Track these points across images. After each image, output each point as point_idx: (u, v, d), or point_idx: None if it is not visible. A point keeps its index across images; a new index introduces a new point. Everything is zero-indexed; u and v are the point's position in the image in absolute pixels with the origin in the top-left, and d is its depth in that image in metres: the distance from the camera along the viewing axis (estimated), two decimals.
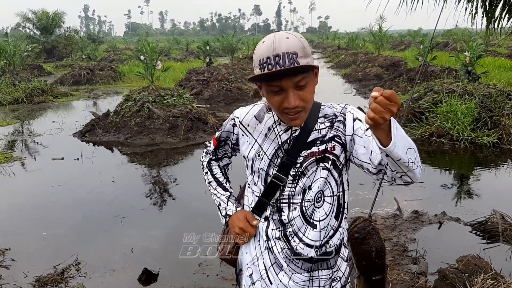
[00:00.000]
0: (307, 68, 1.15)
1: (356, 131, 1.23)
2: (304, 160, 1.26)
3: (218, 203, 1.46)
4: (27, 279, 3.11)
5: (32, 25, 28.48)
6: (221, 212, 1.44)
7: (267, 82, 1.17)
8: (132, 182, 5.36)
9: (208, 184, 1.52)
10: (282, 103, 1.18)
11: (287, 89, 1.15)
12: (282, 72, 1.12)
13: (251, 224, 1.33)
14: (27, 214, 4.38)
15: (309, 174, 1.26)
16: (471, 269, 2.64)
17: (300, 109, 1.18)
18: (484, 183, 5.11)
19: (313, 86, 1.21)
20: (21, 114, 10.23)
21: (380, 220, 3.96)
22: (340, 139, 1.27)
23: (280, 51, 1.12)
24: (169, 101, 8.05)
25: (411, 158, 1.05)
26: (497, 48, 21.00)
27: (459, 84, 7.69)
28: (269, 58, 1.13)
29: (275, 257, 1.32)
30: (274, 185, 1.28)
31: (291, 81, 1.14)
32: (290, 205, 1.28)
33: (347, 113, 1.28)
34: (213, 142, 1.49)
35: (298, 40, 1.16)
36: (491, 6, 3.77)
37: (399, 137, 1.01)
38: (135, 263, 3.28)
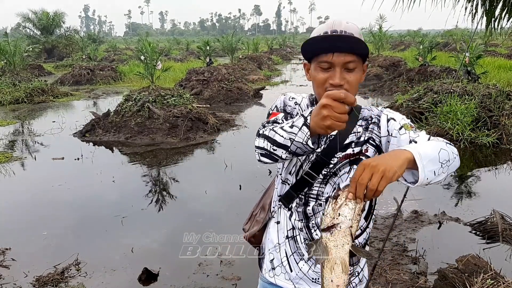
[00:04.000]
0: (360, 46, 1.16)
1: (391, 131, 1.24)
2: (338, 161, 1.26)
3: (289, 124, 1.09)
4: (27, 278, 3.11)
5: (32, 25, 28.49)
6: (296, 123, 1.07)
7: (318, 56, 1.19)
8: (132, 182, 5.36)
9: (270, 133, 1.15)
10: (327, 80, 1.19)
11: (336, 66, 1.17)
12: (336, 39, 1.15)
13: None
14: (27, 214, 4.38)
15: (341, 174, 1.27)
16: (470, 269, 2.64)
17: (343, 90, 1.17)
18: (483, 183, 5.11)
19: (360, 76, 1.22)
20: (21, 114, 10.24)
21: (380, 220, 3.97)
22: (374, 141, 1.27)
23: (338, 28, 1.17)
24: (169, 101, 8.05)
25: (444, 160, 1.06)
26: (496, 48, 21.00)
27: (459, 84, 7.70)
28: (326, 32, 1.17)
29: (297, 246, 1.32)
30: (304, 181, 1.28)
31: (342, 58, 1.16)
32: (317, 201, 1.29)
33: (382, 115, 1.28)
34: (274, 114, 1.30)
35: (356, 27, 1.21)
36: (491, 6, 3.77)
37: (426, 164, 1.01)
38: (135, 263, 3.28)
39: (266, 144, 1.15)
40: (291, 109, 1.33)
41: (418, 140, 1.16)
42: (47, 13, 28.48)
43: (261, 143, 1.18)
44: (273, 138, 1.13)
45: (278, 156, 1.14)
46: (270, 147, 1.14)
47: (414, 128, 1.22)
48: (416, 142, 1.16)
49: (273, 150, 1.14)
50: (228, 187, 5.01)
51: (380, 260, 3.25)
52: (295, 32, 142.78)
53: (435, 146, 1.08)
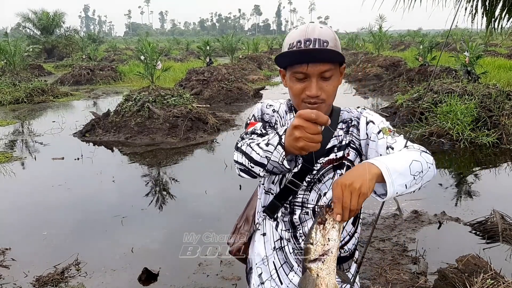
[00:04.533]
0: (334, 55, 1.13)
1: (370, 134, 1.22)
2: (322, 167, 1.23)
3: (265, 142, 1.06)
4: (27, 278, 3.11)
5: (32, 25, 28.51)
6: (271, 141, 1.03)
7: (293, 66, 1.16)
8: (132, 182, 5.36)
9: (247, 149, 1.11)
10: (303, 91, 1.16)
11: (311, 76, 1.14)
12: (310, 53, 1.12)
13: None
14: (27, 214, 4.38)
15: (325, 180, 1.24)
16: (470, 269, 2.64)
17: (320, 101, 1.16)
18: (483, 183, 5.11)
19: (337, 82, 1.20)
20: (21, 114, 10.23)
21: (380, 220, 3.97)
22: (354, 144, 1.25)
23: (312, 36, 1.13)
24: (169, 101, 8.05)
25: (416, 172, 1.04)
26: (496, 48, 21.00)
27: (459, 84, 7.70)
28: (299, 41, 1.13)
29: (286, 256, 1.29)
30: (288, 190, 1.25)
31: (317, 68, 1.13)
32: (303, 209, 1.26)
33: (361, 117, 1.26)
34: (251, 124, 1.25)
35: (331, 31, 1.17)
36: (491, 6, 3.77)
37: (395, 178, 0.99)
38: (135, 263, 3.28)
39: (244, 160, 1.11)
40: (269, 117, 1.28)
41: (395, 147, 1.14)
42: (47, 13, 28.50)
43: (239, 158, 1.14)
44: (249, 154, 1.09)
45: (256, 173, 1.10)
46: (248, 163, 1.10)
47: (392, 132, 1.20)
48: (393, 148, 1.14)
49: (250, 167, 1.10)
50: (228, 187, 5.01)
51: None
52: None
53: (407, 157, 1.05)
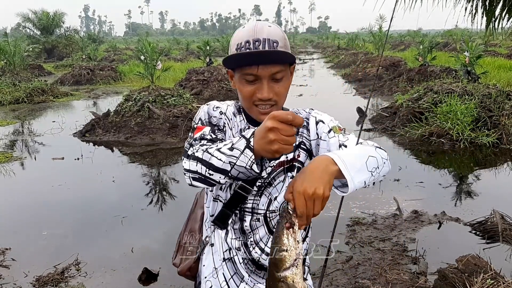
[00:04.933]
0: (286, 57, 1.10)
1: (320, 134, 1.19)
2: (272, 170, 1.19)
3: (228, 146, 0.99)
4: (27, 278, 3.11)
5: (32, 25, 28.53)
6: (236, 145, 0.97)
7: (242, 68, 1.10)
8: (132, 182, 5.36)
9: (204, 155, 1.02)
10: (254, 94, 1.11)
11: (262, 78, 1.09)
12: (261, 56, 1.07)
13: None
14: (27, 214, 4.38)
15: (276, 183, 1.19)
16: (470, 269, 2.64)
17: (273, 102, 1.13)
18: (483, 183, 5.11)
19: (288, 83, 1.16)
20: (21, 114, 10.24)
21: (380, 220, 3.97)
22: (305, 145, 1.22)
23: (261, 36, 1.08)
24: (169, 101, 8.06)
25: (373, 168, 1.03)
26: (496, 48, 21.00)
27: (459, 84, 7.70)
28: (248, 42, 1.08)
29: (235, 267, 1.23)
30: (238, 196, 1.18)
31: (268, 70, 1.08)
32: (253, 215, 1.20)
33: (310, 117, 1.23)
34: (199, 129, 1.18)
35: (280, 30, 1.12)
36: (491, 6, 3.77)
37: (354, 172, 0.98)
38: (135, 263, 3.28)
39: (200, 168, 1.02)
40: (217, 120, 1.20)
41: (348, 144, 1.13)
42: (47, 13, 28.52)
43: (192, 166, 1.04)
44: (208, 161, 1.00)
45: (215, 181, 1.02)
46: (206, 171, 1.01)
47: (343, 131, 1.18)
48: (346, 146, 1.12)
49: (209, 175, 1.01)
50: None
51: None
52: (295, 32, 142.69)
53: (364, 153, 1.04)
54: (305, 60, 27.95)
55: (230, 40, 1.16)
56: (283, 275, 0.90)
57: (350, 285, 2.94)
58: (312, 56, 33.28)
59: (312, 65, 24.43)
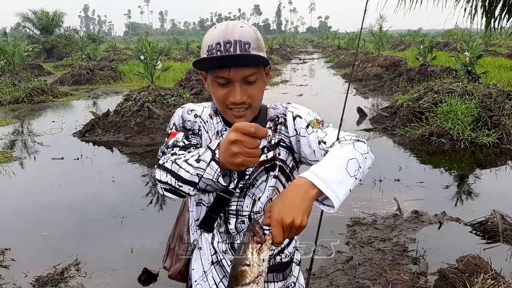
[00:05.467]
0: (258, 60, 1.06)
1: (299, 130, 1.16)
2: (254, 171, 1.16)
3: (195, 158, 0.96)
4: (27, 279, 3.11)
5: (32, 25, 28.55)
6: (202, 157, 0.94)
7: (213, 71, 1.07)
8: (132, 182, 5.36)
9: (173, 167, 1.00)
10: (227, 97, 1.08)
11: (234, 82, 1.06)
12: (231, 59, 1.03)
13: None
14: (27, 214, 4.38)
15: (258, 184, 1.17)
16: (471, 269, 2.64)
17: (246, 106, 1.09)
18: (484, 183, 5.11)
19: (262, 85, 1.12)
20: (21, 114, 10.23)
21: (380, 220, 3.96)
22: (284, 142, 1.19)
23: (232, 38, 1.03)
24: (169, 101, 8.05)
25: (355, 170, 1.01)
26: (497, 48, 21.00)
27: (459, 84, 7.70)
28: (219, 44, 1.03)
29: (224, 270, 1.21)
30: (222, 199, 1.16)
31: (240, 73, 1.04)
32: (238, 217, 1.18)
33: (287, 112, 1.20)
34: (173, 135, 1.15)
35: (252, 30, 1.08)
36: (491, 6, 3.77)
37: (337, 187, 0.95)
38: (135, 263, 3.28)
39: (170, 179, 0.99)
40: (191, 124, 1.17)
41: (327, 141, 1.10)
42: (47, 13, 28.52)
43: (163, 177, 1.01)
44: (177, 173, 0.97)
45: (185, 192, 0.99)
46: (175, 182, 0.98)
47: (321, 124, 1.15)
48: (325, 142, 1.10)
49: (178, 187, 0.98)
50: None
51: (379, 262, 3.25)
52: (295, 32, 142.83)
53: (342, 159, 1.00)
54: (305, 60, 27.95)
55: (203, 39, 1.11)
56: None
57: (350, 285, 2.93)
58: (312, 56, 33.28)
59: (312, 65, 24.42)
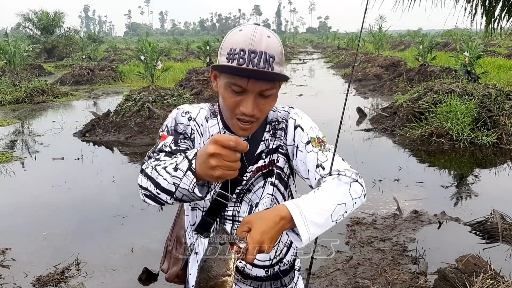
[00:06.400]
0: (279, 77, 1.02)
1: (298, 143, 1.12)
2: (251, 176, 1.14)
3: (173, 166, 0.93)
4: (27, 278, 3.12)
5: (33, 25, 28.53)
6: (179, 166, 0.91)
7: (231, 76, 1.02)
8: (132, 182, 5.34)
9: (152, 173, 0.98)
10: (238, 106, 1.03)
11: (249, 92, 1.01)
12: (253, 73, 0.99)
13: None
14: (27, 214, 4.38)
15: (255, 189, 1.15)
16: (470, 269, 2.64)
17: (254, 119, 1.05)
18: (483, 183, 5.11)
19: (274, 101, 1.09)
20: (21, 114, 10.24)
21: (379, 220, 3.97)
22: (282, 149, 1.15)
23: (258, 48, 0.99)
24: (169, 101, 8.06)
25: (339, 216, 0.98)
26: (496, 48, 21.00)
27: (459, 84, 7.70)
28: (243, 51, 0.98)
29: None
30: (218, 203, 1.13)
31: (258, 86, 1.00)
32: (234, 223, 1.16)
33: (289, 119, 1.16)
34: (163, 138, 1.13)
35: (279, 43, 1.04)
36: (491, 6, 3.78)
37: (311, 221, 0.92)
38: (135, 263, 3.28)
39: (149, 185, 0.97)
40: (184, 127, 1.14)
41: (326, 167, 1.05)
42: (47, 13, 28.51)
43: (143, 183, 0.99)
44: (156, 180, 0.95)
45: (163, 200, 0.96)
46: (154, 189, 0.96)
47: (322, 145, 1.10)
48: (324, 168, 1.05)
49: (157, 194, 0.96)
50: None
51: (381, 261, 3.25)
52: (295, 32, 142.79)
53: (331, 203, 0.96)
54: (305, 60, 27.94)
55: (224, 38, 1.06)
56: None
57: (350, 285, 2.94)
58: (312, 56, 33.28)
59: (312, 65, 24.42)
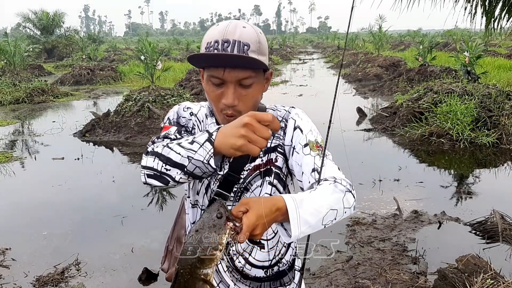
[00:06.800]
0: (254, 63, 1.00)
1: (295, 144, 1.11)
2: (248, 175, 1.12)
3: (189, 141, 0.95)
4: (27, 278, 3.12)
5: (33, 25, 28.53)
6: (197, 139, 0.93)
7: (209, 69, 1.03)
8: (132, 182, 5.36)
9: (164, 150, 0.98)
10: (220, 98, 1.04)
11: (228, 83, 1.01)
12: (225, 59, 0.99)
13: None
14: (27, 214, 4.38)
15: (253, 189, 1.13)
16: (470, 269, 2.64)
17: (237, 112, 1.03)
18: (483, 183, 5.11)
19: (259, 90, 1.07)
20: (21, 114, 10.24)
21: (379, 220, 3.97)
22: (281, 148, 1.14)
23: (231, 37, 0.99)
24: (169, 101, 8.06)
25: (329, 221, 0.97)
26: (496, 48, 21.00)
27: (459, 84, 7.70)
28: (217, 42, 1.00)
29: (220, 276, 1.20)
30: None
31: (235, 74, 1.00)
32: None
33: (289, 119, 1.14)
34: (165, 128, 1.15)
35: (255, 33, 1.03)
36: (491, 6, 3.78)
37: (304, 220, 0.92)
38: (135, 263, 3.28)
39: (156, 163, 0.97)
40: (186, 120, 1.16)
41: (321, 173, 1.04)
42: (47, 13, 28.51)
43: (149, 162, 0.99)
44: (167, 156, 0.95)
45: (170, 177, 0.95)
46: (162, 166, 0.96)
47: (320, 149, 1.08)
48: (319, 174, 1.04)
49: (165, 170, 0.96)
50: None
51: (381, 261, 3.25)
52: (295, 32, 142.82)
53: (325, 206, 0.96)
54: (305, 60, 27.94)
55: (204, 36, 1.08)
56: (206, 272, 0.86)
57: (350, 285, 2.94)
58: (312, 56, 33.28)
59: (312, 65, 24.42)
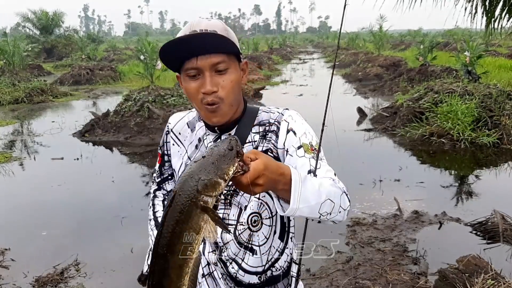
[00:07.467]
0: (223, 41, 0.99)
1: (288, 147, 1.08)
2: None
3: (150, 248, 1.16)
4: (26, 279, 3.11)
5: (32, 25, 28.51)
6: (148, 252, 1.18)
7: (183, 66, 1.03)
8: (132, 182, 5.35)
9: (148, 222, 1.31)
10: (199, 90, 1.02)
11: (204, 71, 1.01)
12: (192, 39, 0.98)
13: None
14: (27, 214, 4.38)
15: (243, 192, 1.08)
16: (471, 269, 2.63)
17: (218, 100, 1.03)
18: (484, 183, 5.10)
19: (235, 76, 1.05)
20: (20, 114, 10.23)
21: (380, 220, 3.96)
22: (272, 152, 1.11)
23: (198, 28, 1.01)
24: (169, 101, 8.05)
25: (324, 212, 0.93)
26: (497, 48, 20.99)
27: (459, 84, 7.69)
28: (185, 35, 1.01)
29: (216, 282, 1.20)
30: None
31: (208, 60, 1.00)
32: None
33: (282, 121, 1.11)
34: (158, 156, 1.30)
35: (221, 22, 1.06)
36: (491, 5, 3.77)
37: (304, 196, 0.88)
38: (134, 263, 3.27)
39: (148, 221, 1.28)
40: (165, 147, 1.27)
41: (317, 174, 1.02)
42: (47, 13, 28.49)
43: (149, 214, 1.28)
44: (148, 224, 1.25)
45: None
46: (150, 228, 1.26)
47: (315, 152, 1.05)
48: (316, 175, 1.01)
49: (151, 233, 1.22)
50: None
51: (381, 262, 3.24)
52: (295, 32, 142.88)
53: (325, 193, 0.93)
54: (305, 60, 27.94)
55: None
56: (206, 199, 0.77)
57: (351, 285, 2.93)
58: (312, 56, 33.28)
59: (312, 65, 24.42)
